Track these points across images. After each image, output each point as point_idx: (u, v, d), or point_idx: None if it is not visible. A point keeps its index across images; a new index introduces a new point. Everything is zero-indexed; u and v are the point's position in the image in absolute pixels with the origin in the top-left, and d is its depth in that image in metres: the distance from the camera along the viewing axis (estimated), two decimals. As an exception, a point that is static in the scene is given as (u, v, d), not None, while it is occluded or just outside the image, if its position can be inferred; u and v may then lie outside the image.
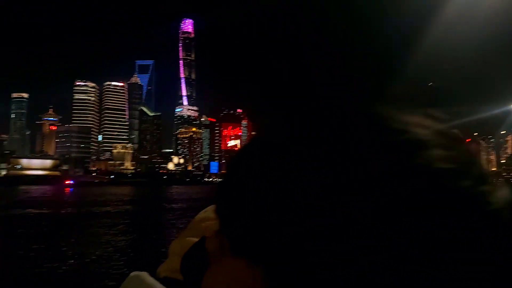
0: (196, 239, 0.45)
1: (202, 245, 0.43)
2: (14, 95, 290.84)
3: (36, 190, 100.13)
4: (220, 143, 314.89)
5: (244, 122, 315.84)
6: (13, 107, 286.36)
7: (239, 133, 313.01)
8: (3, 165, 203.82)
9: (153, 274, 0.43)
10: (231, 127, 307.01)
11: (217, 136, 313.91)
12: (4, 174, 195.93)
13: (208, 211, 0.60)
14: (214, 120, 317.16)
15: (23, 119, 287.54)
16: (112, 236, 21.95)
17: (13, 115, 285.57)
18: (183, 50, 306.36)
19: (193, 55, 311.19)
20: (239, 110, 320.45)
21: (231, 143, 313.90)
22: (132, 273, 0.42)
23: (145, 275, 0.41)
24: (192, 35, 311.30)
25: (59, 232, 23.62)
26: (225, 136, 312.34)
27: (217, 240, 0.42)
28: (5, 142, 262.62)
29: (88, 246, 18.64)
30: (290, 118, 0.40)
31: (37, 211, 38.31)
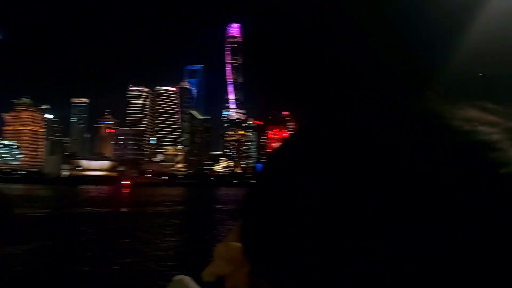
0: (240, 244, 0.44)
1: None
2: (75, 100, 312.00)
3: (95, 189, 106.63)
4: (266, 146, 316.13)
5: (290, 125, 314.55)
6: (74, 111, 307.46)
7: (285, 136, 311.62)
8: (66, 166, 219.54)
9: (199, 277, 0.44)
10: (278, 129, 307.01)
11: (263, 139, 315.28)
12: (67, 174, 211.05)
13: None
14: (261, 122, 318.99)
15: (83, 122, 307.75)
16: (164, 236, 22.83)
17: (74, 119, 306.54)
18: (230, 54, 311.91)
19: (240, 59, 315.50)
20: (285, 113, 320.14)
21: (277, 145, 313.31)
22: (176, 277, 0.42)
23: (188, 279, 0.41)
24: (239, 39, 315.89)
25: (115, 230, 25.04)
26: (271, 138, 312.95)
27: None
28: (67, 145, 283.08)
29: (141, 244, 19.63)
30: (339, 122, 0.37)
31: (98, 210, 40.87)
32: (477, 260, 0.26)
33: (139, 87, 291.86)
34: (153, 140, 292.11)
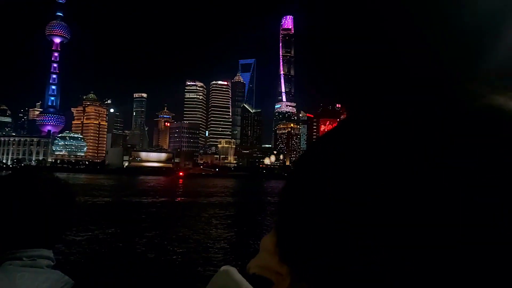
0: None
1: None
2: (136, 95, 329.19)
3: (153, 180, 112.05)
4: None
5: (343, 117, 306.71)
6: (134, 106, 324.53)
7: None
8: (126, 158, 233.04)
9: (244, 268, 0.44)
10: (329, 122, 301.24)
11: (314, 132, 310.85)
12: (127, 166, 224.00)
13: None
14: (312, 115, 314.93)
15: (143, 116, 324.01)
16: (215, 227, 23.51)
17: (134, 113, 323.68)
18: (283, 47, 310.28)
19: (292, 52, 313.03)
20: (338, 105, 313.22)
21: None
22: (222, 268, 0.42)
23: (233, 271, 0.41)
24: (292, 31, 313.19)
25: (170, 219, 26.17)
26: (323, 131, 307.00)
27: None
28: (128, 137, 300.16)
29: (193, 234, 20.35)
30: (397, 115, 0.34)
31: (156, 199, 42.99)
32: None
33: (195, 81, 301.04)
34: (207, 133, 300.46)
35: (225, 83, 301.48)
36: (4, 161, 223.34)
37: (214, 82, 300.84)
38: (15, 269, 1.15)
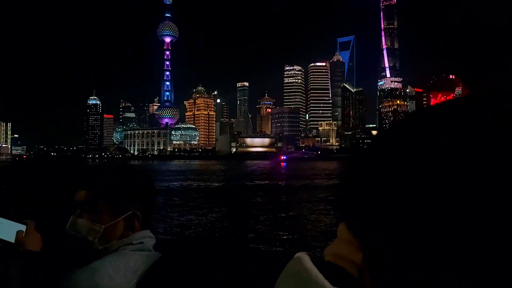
0: None
1: None
2: (239, 84, 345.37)
3: (258, 163, 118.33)
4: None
5: (458, 89, 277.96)
6: (238, 95, 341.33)
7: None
8: (233, 144, 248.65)
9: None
10: (441, 95, 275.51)
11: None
12: (234, 151, 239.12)
13: None
14: (421, 90, 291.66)
15: (246, 104, 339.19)
16: (318, 212, 24.07)
17: (238, 102, 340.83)
18: (384, 19, 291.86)
19: (395, 23, 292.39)
20: (451, 76, 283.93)
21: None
22: (296, 255, 0.41)
23: (306, 258, 0.40)
24: (394, 1, 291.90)
25: (274, 203, 28.46)
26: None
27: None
28: (234, 125, 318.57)
29: (295, 220, 22.04)
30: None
31: (261, 182, 46.64)
32: None
33: (293, 66, 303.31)
34: (307, 116, 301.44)
35: (323, 64, 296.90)
36: (131, 151, 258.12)
37: (312, 64, 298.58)
38: (129, 253, 1.27)
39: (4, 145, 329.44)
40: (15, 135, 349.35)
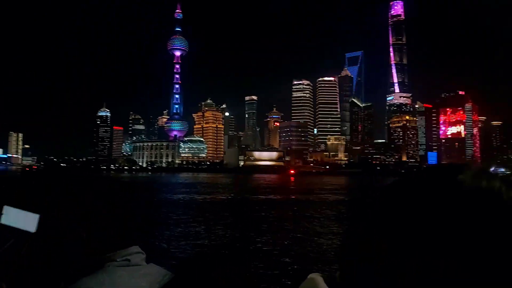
0: None
1: None
2: (247, 98, 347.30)
3: (266, 177, 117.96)
4: (438, 131, 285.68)
5: (467, 105, 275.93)
6: (246, 108, 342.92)
7: (462, 118, 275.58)
8: (241, 157, 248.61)
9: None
10: (451, 111, 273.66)
11: (434, 123, 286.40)
12: (242, 165, 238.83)
13: None
14: (430, 106, 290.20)
15: (254, 118, 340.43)
16: (327, 226, 23.92)
17: (246, 115, 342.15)
18: (393, 35, 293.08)
19: (404, 39, 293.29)
20: (461, 92, 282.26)
21: (452, 130, 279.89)
22: (310, 275, 0.42)
23: (319, 279, 0.40)
24: (403, 17, 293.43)
25: (281, 218, 28.20)
26: (444, 122, 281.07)
27: None
28: (242, 138, 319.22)
29: (303, 234, 21.84)
30: None
31: (269, 196, 46.24)
32: None
33: (301, 80, 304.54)
34: (315, 130, 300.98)
35: (332, 78, 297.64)
36: (140, 163, 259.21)
37: (320, 79, 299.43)
38: (113, 270, 1.27)
39: (15, 156, 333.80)
40: (26, 146, 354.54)
